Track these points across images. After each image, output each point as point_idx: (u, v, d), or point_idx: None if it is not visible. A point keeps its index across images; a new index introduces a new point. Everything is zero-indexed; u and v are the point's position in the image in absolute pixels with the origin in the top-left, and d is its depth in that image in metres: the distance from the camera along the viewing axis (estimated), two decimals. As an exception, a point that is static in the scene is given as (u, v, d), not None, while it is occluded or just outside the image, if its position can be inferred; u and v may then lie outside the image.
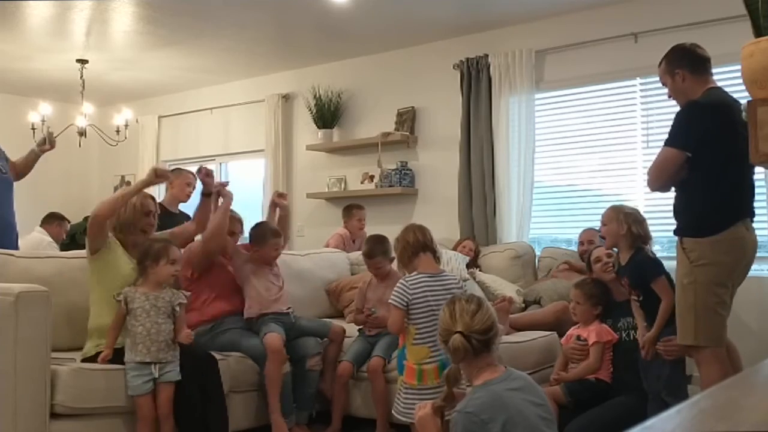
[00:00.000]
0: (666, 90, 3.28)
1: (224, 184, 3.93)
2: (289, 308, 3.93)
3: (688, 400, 1.17)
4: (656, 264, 3.39)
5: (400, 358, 3.07)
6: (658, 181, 3.17)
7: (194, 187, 5.11)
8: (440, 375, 2.90)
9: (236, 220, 4.05)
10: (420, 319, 3.00)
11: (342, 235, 5.70)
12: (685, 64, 3.14)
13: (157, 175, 3.49)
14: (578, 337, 3.67)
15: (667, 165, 3.09)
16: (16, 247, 4.23)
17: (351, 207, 5.86)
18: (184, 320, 3.38)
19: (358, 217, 5.76)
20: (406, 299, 3.01)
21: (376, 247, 3.83)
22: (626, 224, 3.40)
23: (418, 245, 3.15)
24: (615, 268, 3.64)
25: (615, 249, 3.62)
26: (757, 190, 3.25)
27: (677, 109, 3.23)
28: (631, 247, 3.41)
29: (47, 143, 4.65)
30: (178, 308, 3.29)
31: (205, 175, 3.87)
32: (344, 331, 4.06)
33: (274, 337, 3.67)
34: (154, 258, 3.28)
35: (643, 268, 3.35)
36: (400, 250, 3.24)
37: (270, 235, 3.96)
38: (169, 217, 4.81)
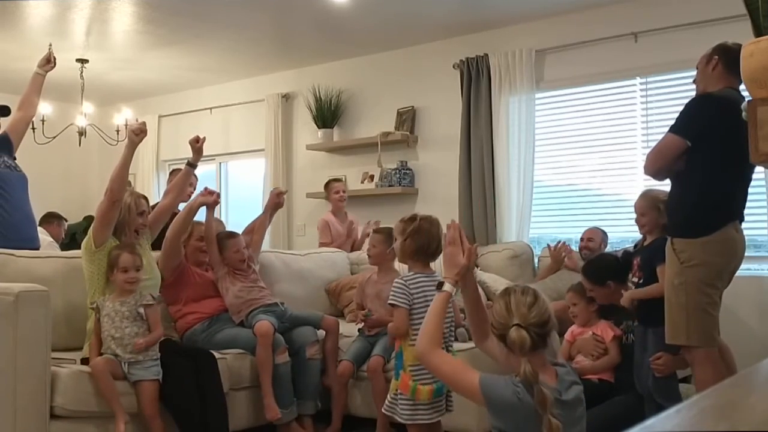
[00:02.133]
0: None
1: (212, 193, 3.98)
2: (269, 294, 3.97)
3: (684, 400, 1.18)
4: None
5: (398, 365, 2.98)
6: (654, 165, 3.17)
7: (195, 187, 5.11)
8: (434, 397, 2.88)
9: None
10: (419, 319, 2.98)
11: (327, 221, 5.71)
12: (724, 56, 3.16)
13: (136, 134, 3.45)
14: (593, 334, 3.68)
15: (666, 151, 3.09)
16: (38, 239, 4.26)
17: (329, 181, 5.95)
18: (157, 321, 3.34)
19: (335, 190, 5.78)
20: (408, 298, 2.98)
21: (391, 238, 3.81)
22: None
23: (428, 255, 3.10)
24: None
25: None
26: (757, 190, 3.27)
27: (677, 108, 3.24)
28: (664, 233, 3.38)
29: (50, 61, 4.39)
30: (141, 309, 3.28)
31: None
32: (337, 322, 4.08)
33: (263, 323, 3.69)
34: (110, 267, 3.31)
35: (658, 252, 3.30)
36: (416, 244, 3.05)
37: (225, 239, 4.01)
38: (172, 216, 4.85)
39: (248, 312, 3.86)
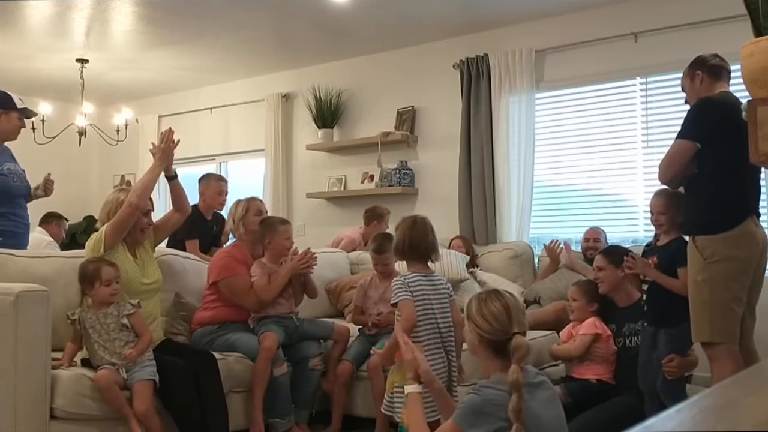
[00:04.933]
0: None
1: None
2: (293, 312, 3.92)
3: (687, 399, 1.18)
4: None
5: None
6: (668, 172, 3.19)
7: (226, 194, 5.16)
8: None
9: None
10: (422, 317, 2.98)
11: (354, 239, 5.56)
12: (705, 68, 3.25)
13: (166, 155, 3.49)
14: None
15: (678, 156, 3.13)
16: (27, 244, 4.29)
17: (382, 211, 5.53)
18: (142, 326, 3.29)
19: (386, 222, 5.45)
20: (409, 293, 3.00)
21: (385, 244, 3.81)
22: None
23: (418, 254, 3.11)
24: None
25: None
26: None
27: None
28: (680, 232, 3.38)
29: (42, 190, 4.54)
30: (125, 320, 3.23)
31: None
32: (348, 331, 4.04)
33: (269, 335, 3.67)
34: (89, 281, 3.24)
35: (678, 253, 3.27)
36: (393, 242, 3.16)
37: (279, 224, 3.93)
38: (202, 222, 5.02)
39: (261, 318, 3.83)
